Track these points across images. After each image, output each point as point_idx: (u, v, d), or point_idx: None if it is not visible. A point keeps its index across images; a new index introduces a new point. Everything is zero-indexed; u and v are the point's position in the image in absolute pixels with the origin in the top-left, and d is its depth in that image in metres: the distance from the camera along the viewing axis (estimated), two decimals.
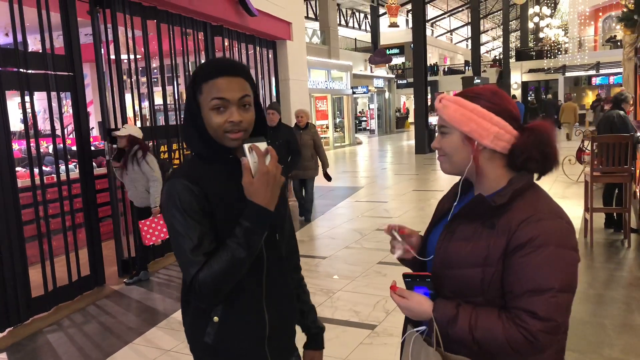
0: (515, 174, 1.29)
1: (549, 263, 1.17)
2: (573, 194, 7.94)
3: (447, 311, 1.24)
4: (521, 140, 1.26)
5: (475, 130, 1.27)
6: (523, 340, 1.16)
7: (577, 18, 29.98)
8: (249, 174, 1.31)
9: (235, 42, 7.82)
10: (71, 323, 4.17)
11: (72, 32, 4.70)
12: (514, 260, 1.20)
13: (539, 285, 1.17)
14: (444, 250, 1.31)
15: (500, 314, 1.21)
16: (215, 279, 1.29)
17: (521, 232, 1.19)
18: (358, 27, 32.47)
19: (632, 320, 3.70)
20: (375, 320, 3.86)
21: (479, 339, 1.20)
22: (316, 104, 20.07)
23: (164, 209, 1.38)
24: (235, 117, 1.35)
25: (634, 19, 8.05)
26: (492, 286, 1.23)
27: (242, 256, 1.30)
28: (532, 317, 1.16)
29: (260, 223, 1.31)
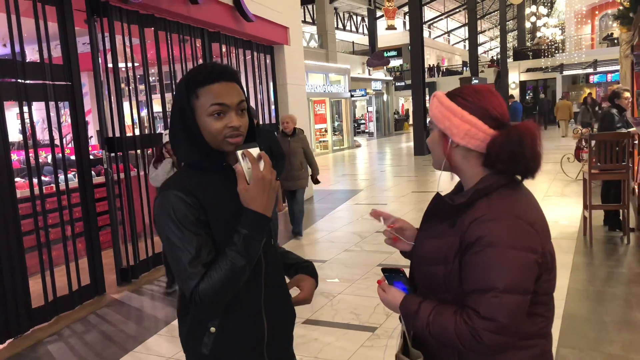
0: (487, 173, 1.29)
1: (494, 263, 1.18)
2: (572, 192, 7.94)
3: (410, 306, 1.30)
4: (493, 139, 1.26)
5: (448, 128, 1.30)
6: (470, 337, 1.18)
7: (574, 17, 30.03)
8: (243, 180, 1.30)
9: (233, 47, 7.84)
10: (72, 333, 4.17)
11: (70, 41, 4.72)
12: (465, 259, 1.23)
13: (483, 284, 1.18)
14: (419, 246, 1.38)
15: (456, 310, 1.23)
16: (216, 289, 1.27)
17: (471, 231, 1.21)
18: (355, 30, 32.53)
19: (632, 317, 3.70)
20: (375, 323, 3.86)
21: (434, 334, 1.24)
22: (314, 107, 20.10)
23: (158, 222, 1.35)
24: (235, 123, 1.35)
25: (629, 16, 8.08)
26: (452, 283, 1.26)
27: (242, 264, 1.29)
28: (476, 316, 1.19)
29: (259, 230, 1.31)
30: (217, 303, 1.30)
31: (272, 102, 9.11)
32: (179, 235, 1.31)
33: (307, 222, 7.72)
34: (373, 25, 27.00)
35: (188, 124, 1.37)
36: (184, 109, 1.37)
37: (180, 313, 1.49)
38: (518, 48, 34.19)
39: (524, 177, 1.29)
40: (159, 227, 1.36)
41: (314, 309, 4.22)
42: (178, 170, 1.47)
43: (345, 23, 31.20)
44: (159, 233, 1.36)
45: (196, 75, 1.37)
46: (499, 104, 1.30)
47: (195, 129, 1.37)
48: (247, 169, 1.30)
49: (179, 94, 1.39)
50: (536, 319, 1.27)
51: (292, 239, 6.52)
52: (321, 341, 3.63)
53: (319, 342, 3.62)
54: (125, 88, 5.92)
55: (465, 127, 1.27)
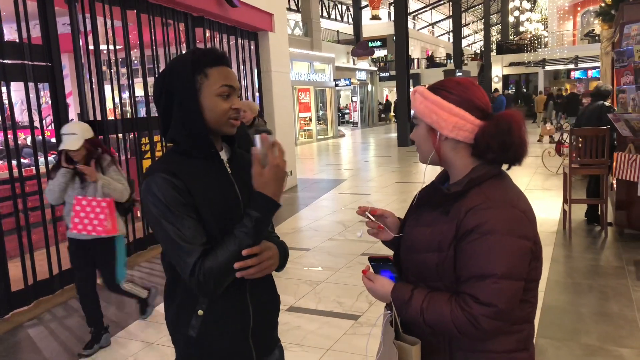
0: (478, 163, 1.31)
1: (493, 250, 1.20)
2: (553, 185, 8.06)
3: (402, 293, 1.30)
4: (481, 129, 1.28)
5: (436, 122, 1.31)
6: (467, 323, 1.21)
7: (557, 12, 30.36)
8: (258, 164, 1.32)
9: (217, 33, 7.74)
10: (52, 317, 4.12)
11: (50, 21, 4.61)
12: (462, 247, 1.24)
13: (482, 271, 1.21)
14: (409, 235, 1.38)
15: (450, 297, 1.26)
16: (222, 269, 1.29)
17: (468, 219, 1.23)
18: (340, 19, 32.39)
19: (608, 309, 3.79)
20: (358, 311, 3.89)
21: (429, 321, 1.25)
22: (299, 96, 20.03)
23: (147, 207, 1.34)
24: (239, 105, 1.42)
25: (611, 13, 8.19)
26: (446, 271, 1.27)
27: (249, 244, 1.31)
28: (474, 302, 1.21)
29: (269, 214, 1.33)
30: (220, 282, 1.32)
31: (257, 89, 9.04)
32: (171, 217, 1.31)
33: (291, 211, 7.72)
34: (358, 15, 26.89)
35: (188, 103, 1.37)
36: (187, 86, 1.37)
37: (168, 296, 1.48)
38: (501, 42, 34.46)
39: (512, 165, 1.32)
40: (149, 212, 1.34)
41: (297, 296, 4.23)
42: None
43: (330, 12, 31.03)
44: (149, 218, 1.35)
45: (204, 56, 1.40)
46: (482, 95, 1.33)
47: (196, 109, 1.37)
48: (262, 153, 1.32)
49: (180, 72, 1.38)
50: (524, 305, 1.30)
51: None
52: (304, 328, 3.65)
53: (302, 330, 3.63)
54: (106, 71, 5.82)
55: (454, 119, 1.29)
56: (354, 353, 3.28)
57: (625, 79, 5.12)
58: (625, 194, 5.40)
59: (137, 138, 5.96)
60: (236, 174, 1.47)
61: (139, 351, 3.46)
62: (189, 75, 1.37)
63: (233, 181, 1.45)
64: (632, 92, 5.01)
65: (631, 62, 4.99)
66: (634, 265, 4.61)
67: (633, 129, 5.01)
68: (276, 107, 9.19)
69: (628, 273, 4.44)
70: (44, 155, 4.80)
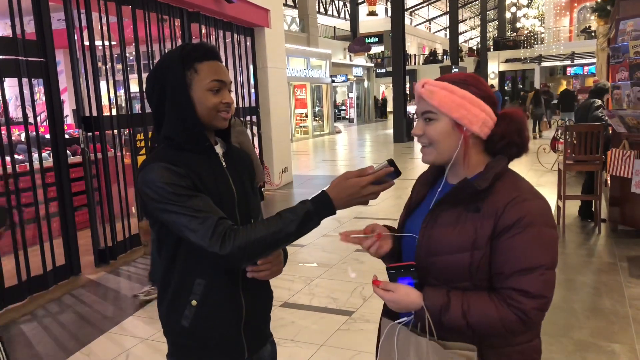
0: (491, 159, 1.31)
1: (536, 242, 1.21)
2: (547, 182, 8.08)
3: (438, 299, 1.23)
4: (502, 126, 1.29)
5: (465, 117, 1.26)
6: (516, 319, 1.20)
7: (553, 8, 30.37)
8: (359, 173, 1.30)
9: (213, 29, 7.72)
10: (46, 313, 4.12)
11: (44, 16, 4.58)
12: (502, 242, 1.22)
13: (529, 264, 1.20)
14: (427, 237, 1.30)
15: (490, 296, 1.23)
16: (256, 242, 1.27)
17: (508, 214, 1.22)
18: (337, 15, 32.33)
19: (601, 305, 3.82)
20: (352, 307, 3.90)
21: (473, 323, 1.21)
22: (295, 92, 20.00)
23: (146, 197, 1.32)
24: (229, 99, 1.42)
25: (607, 9, 8.20)
26: (481, 269, 1.24)
27: (291, 231, 1.29)
28: (524, 296, 1.19)
29: (322, 212, 1.30)
30: (251, 255, 1.30)
31: (252, 85, 9.02)
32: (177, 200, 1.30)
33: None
34: (355, 11, 26.86)
35: (179, 98, 1.38)
36: (178, 82, 1.38)
37: (162, 287, 1.48)
38: (498, 38, 34.47)
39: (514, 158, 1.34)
40: (150, 202, 1.33)
41: (291, 292, 4.24)
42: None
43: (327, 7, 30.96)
44: (151, 208, 1.34)
45: (193, 51, 1.40)
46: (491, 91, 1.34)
47: (188, 104, 1.38)
48: (371, 173, 1.29)
49: (170, 68, 1.39)
50: None
51: None
52: (298, 324, 3.66)
53: (295, 325, 3.64)
54: (102, 67, 5.80)
55: (483, 115, 1.28)
56: (347, 348, 3.29)
57: (620, 75, 5.13)
58: (619, 191, 5.42)
59: (132, 134, 5.95)
60: (231, 168, 1.48)
61: (133, 347, 3.47)
62: (178, 70, 1.38)
63: (228, 175, 1.46)
64: (626, 88, 5.02)
65: (626, 58, 5.00)
66: (627, 262, 4.64)
67: (627, 126, 5.03)
68: (272, 103, 9.18)
69: (621, 269, 4.46)
70: (38, 151, 4.78)
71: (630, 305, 3.74)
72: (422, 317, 1.24)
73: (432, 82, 1.31)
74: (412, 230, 1.37)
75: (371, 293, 4.07)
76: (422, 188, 1.44)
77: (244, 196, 1.49)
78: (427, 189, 1.43)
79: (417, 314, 1.25)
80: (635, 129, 4.97)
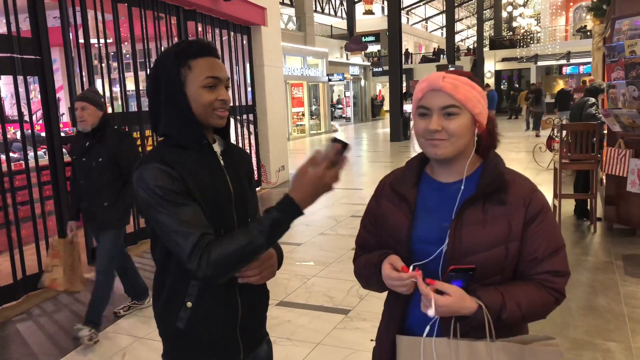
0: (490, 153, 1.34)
1: (554, 225, 1.31)
2: (543, 180, 8.09)
3: (494, 297, 1.21)
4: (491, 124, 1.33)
5: (482, 113, 1.29)
6: (553, 300, 1.27)
7: (549, 8, 30.43)
8: (310, 164, 1.28)
9: (209, 27, 7.70)
10: (41, 312, 4.11)
11: (39, 13, 4.56)
12: (532, 229, 1.27)
13: (556, 245, 1.28)
14: (458, 239, 1.25)
15: (527, 283, 1.27)
16: (227, 258, 1.26)
17: (535, 202, 1.28)
18: (334, 14, 32.29)
19: (596, 303, 3.83)
20: (348, 305, 3.90)
21: (525, 313, 1.24)
22: (292, 91, 19.98)
23: (140, 197, 1.31)
24: (226, 96, 1.39)
25: (603, 8, 8.22)
26: (513, 260, 1.27)
27: (260, 243, 1.27)
28: (557, 276, 1.27)
29: (289, 218, 1.29)
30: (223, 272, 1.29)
31: (249, 83, 9.01)
32: (167, 205, 1.28)
33: None
34: (351, 9, 26.83)
35: (174, 96, 1.37)
36: (172, 79, 1.36)
37: (157, 288, 1.47)
38: (494, 37, 34.51)
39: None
40: (142, 202, 1.31)
41: (288, 291, 4.24)
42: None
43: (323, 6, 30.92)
44: (143, 208, 1.32)
45: (188, 48, 1.38)
46: None
47: (184, 101, 1.36)
48: (322, 158, 1.27)
49: (165, 65, 1.38)
50: None
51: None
52: (294, 323, 3.66)
53: (292, 324, 3.64)
54: (97, 65, 5.78)
55: (486, 112, 1.31)
56: (343, 347, 3.29)
57: (616, 74, 5.15)
58: (615, 189, 5.44)
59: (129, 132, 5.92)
60: (229, 167, 1.46)
61: (129, 345, 3.46)
62: (173, 68, 1.36)
63: (225, 173, 1.44)
64: (622, 87, 5.03)
65: (622, 57, 5.02)
66: (623, 260, 4.66)
67: (623, 125, 5.05)
68: (269, 101, 9.16)
69: (616, 268, 4.48)
70: (34, 149, 4.76)
71: (626, 304, 3.76)
72: (480, 319, 1.19)
73: (451, 75, 1.28)
74: (426, 236, 1.30)
75: (367, 292, 4.06)
76: (411, 190, 1.36)
77: (241, 195, 1.48)
78: (416, 191, 1.36)
79: (472, 317, 1.19)
80: (631, 128, 4.99)
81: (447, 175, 1.33)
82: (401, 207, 1.36)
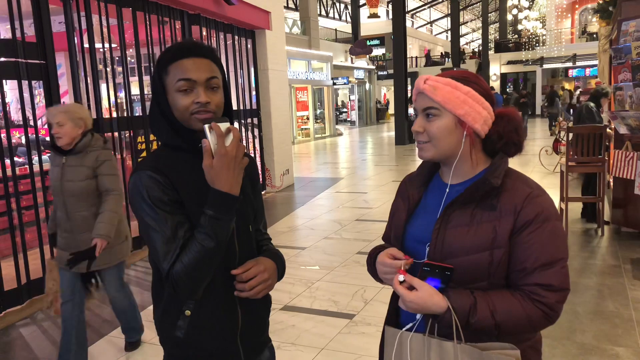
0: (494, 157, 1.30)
1: (554, 236, 1.22)
2: (550, 184, 8.05)
3: (465, 300, 1.19)
4: (501, 125, 1.28)
5: (469, 114, 1.25)
6: (541, 314, 1.20)
7: (555, 10, 30.33)
8: (209, 156, 1.24)
9: (214, 31, 7.71)
10: (45, 316, 4.10)
11: (44, 18, 4.57)
12: (522, 237, 1.21)
13: (551, 258, 1.20)
14: (441, 240, 1.26)
15: (513, 293, 1.21)
16: (189, 272, 1.25)
17: (527, 209, 1.21)
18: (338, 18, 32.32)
19: (604, 307, 3.78)
20: (353, 310, 3.87)
21: (500, 322, 1.19)
22: (297, 94, 20.01)
23: (132, 203, 1.33)
24: (202, 98, 1.31)
25: (609, 10, 8.17)
26: (500, 267, 1.22)
27: (211, 246, 1.25)
28: (548, 290, 1.19)
29: (224, 209, 1.26)
30: (192, 285, 1.28)
31: (253, 87, 9.01)
32: (154, 216, 1.28)
33: (287, 210, 7.71)
34: (356, 13, 26.86)
35: (159, 102, 1.36)
36: (157, 86, 1.36)
37: (155, 296, 1.46)
38: (500, 40, 34.44)
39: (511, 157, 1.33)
40: (133, 208, 1.33)
41: (292, 295, 4.21)
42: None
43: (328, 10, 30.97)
44: (135, 214, 1.34)
45: (166, 52, 1.36)
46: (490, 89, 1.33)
47: (166, 107, 1.35)
48: (214, 144, 1.24)
49: (153, 73, 1.39)
50: None
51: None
52: (299, 327, 3.63)
53: (296, 329, 3.61)
54: (102, 69, 5.80)
55: (485, 113, 1.27)
56: (348, 352, 3.26)
57: (623, 76, 5.10)
58: (622, 192, 5.39)
59: (133, 137, 5.93)
60: None
61: (132, 350, 3.44)
62: (156, 74, 1.36)
63: None
64: (629, 89, 4.99)
65: (629, 59, 4.97)
66: (631, 264, 4.60)
67: (630, 127, 5.00)
68: (273, 105, 9.17)
69: (624, 272, 4.43)
70: (38, 154, 4.77)
71: (634, 308, 3.71)
72: (447, 320, 1.19)
73: (434, 77, 1.28)
74: (418, 234, 1.33)
75: (372, 296, 4.04)
76: (417, 190, 1.40)
77: (241, 199, 1.45)
78: (422, 191, 1.40)
79: (441, 317, 1.20)
80: (638, 130, 4.94)
81: (454, 176, 1.32)
82: (405, 205, 1.41)
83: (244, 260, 1.41)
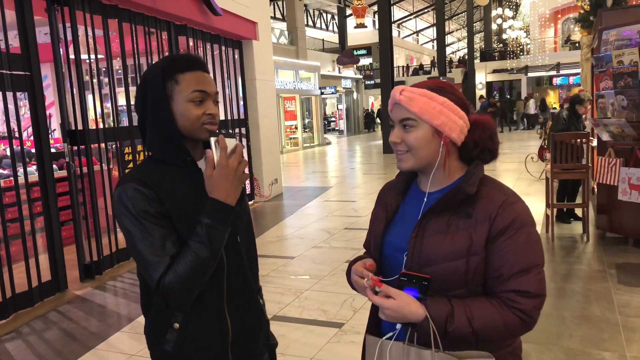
0: (470, 165, 1.31)
1: (529, 242, 1.23)
2: (536, 190, 8.13)
3: (442, 308, 1.19)
4: (476, 133, 1.29)
5: (445, 124, 1.26)
6: (518, 321, 1.20)
7: (538, 20, 30.79)
8: (210, 167, 1.27)
9: (200, 41, 7.72)
10: (31, 330, 4.04)
11: (29, 29, 4.55)
12: (498, 245, 1.22)
13: (527, 264, 1.21)
14: (418, 248, 1.27)
15: (489, 300, 1.22)
16: (182, 282, 1.25)
17: (502, 217, 1.22)
18: (325, 28, 32.54)
19: (590, 312, 3.82)
20: (342, 319, 3.87)
21: (478, 330, 1.19)
22: (285, 104, 20.05)
23: (118, 216, 1.32)
24: (214, 110, 1.37)
25: (590, 19, 8.33)
26: (477, 275, 1.23)
27: (206, 255, 1.26)
28: (524, 297, 1.20)
29: (221, 219, 1.28)
30: (185, 296, 1.27)
31: (241, 97, 9.03)
32: (140, 228, 1.28)
33: (276, 219, 7.70)
34: (343, 23, 27.07)
35: (159, 110, 1.35)
36: (158, 93, 1.35)
37: (144, 309, 1.45)
38: (485, 49, 34.85)
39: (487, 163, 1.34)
40: (119, 221, 1.33)
41: (281, 305, 4.20)
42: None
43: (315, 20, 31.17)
44: (120, 227, 1.33)
45: (174, 62, 1.37)
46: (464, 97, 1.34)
47: (168, 116, 1.35)
48: (217, 156, 1.28)
49: (151, 80, 1.37)
50: None
51: None
52: (288, 337, 3.62)
53: (286, 339, 3.60)
54: (88, 80, 5.77)
55: (460, 122, 1.28)
56: None
57: (605, 84, 5.19)
58: (607, 198, 5.46)
59: (120, 147, 5.90)
60: None
61: None
62: (159, 82, 1.35)
63: None
64: (611, 97, 5.08)
65: (610, 68, 5.07)
66: (616, 269, 4.66)
67: (612, 134, 5.08)
68: (261, 115, 9.18)
69: (610, 276, 4.48)
70: (23, 166, 4.73)
71: (620, 313, 3.75)
72: (425, 329, 1.18)
73: (409, 88, 1.30)
74: (395, 243, 1.34)
75: (361, 305, 4.04)
76: (395, 198, 1.41)
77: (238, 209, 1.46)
78: (400, 199, 1.41)
79: (419, 326, 1.19)
80: (620, 137, 5.02)
81: (430, 184, 1.33)
82: (383, 214, 1.41)
83: (232, 272, 1.41)
